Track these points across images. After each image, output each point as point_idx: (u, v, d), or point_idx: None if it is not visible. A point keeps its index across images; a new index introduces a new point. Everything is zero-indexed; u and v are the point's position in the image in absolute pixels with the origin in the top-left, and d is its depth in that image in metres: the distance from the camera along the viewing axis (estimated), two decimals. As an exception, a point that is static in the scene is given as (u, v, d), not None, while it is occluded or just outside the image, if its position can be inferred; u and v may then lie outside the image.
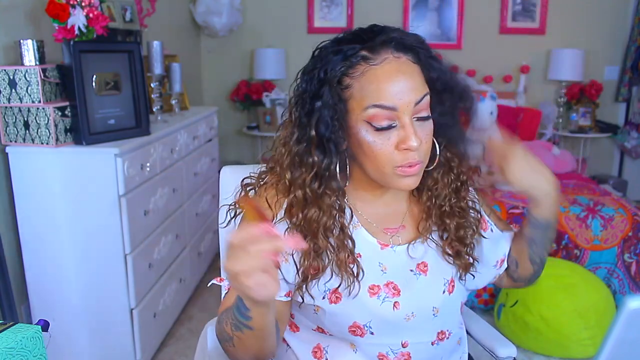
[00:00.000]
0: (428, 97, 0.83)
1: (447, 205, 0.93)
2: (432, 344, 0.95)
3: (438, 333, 0.95)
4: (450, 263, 0.94)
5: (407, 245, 0.93)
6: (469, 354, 1.17)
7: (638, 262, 2.38)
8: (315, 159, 0.84)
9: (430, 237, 0.94)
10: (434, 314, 0.92)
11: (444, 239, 0.94)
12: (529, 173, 0.91)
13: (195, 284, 2.68)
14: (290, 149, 0.86)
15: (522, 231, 1.00)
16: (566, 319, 2.07)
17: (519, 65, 3.93)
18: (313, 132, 0.83)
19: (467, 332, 1.20)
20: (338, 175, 0.86)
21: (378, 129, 0.80)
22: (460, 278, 0.95)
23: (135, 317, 1.91)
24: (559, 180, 3.17)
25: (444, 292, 0.93)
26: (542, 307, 2.10)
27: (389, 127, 0.80)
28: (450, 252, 0.93)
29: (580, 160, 3.92)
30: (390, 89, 0.79)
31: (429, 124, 0.84)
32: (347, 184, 0.89)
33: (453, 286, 0.94)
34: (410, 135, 0.80)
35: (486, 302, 2.51)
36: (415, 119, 0.81)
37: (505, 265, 1.04)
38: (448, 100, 0.87)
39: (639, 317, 0.47)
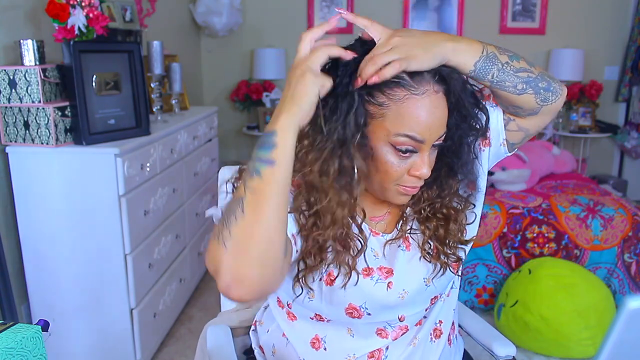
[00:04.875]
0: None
1: (426, 210, 0.94)
2: (426, 310, 0.99)
3: (432, 299, 0.98)
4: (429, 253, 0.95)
5: (394, 231, 0.95)
6: (468, 353, 1.17)
7: (638, 262, 2.38)
8: (344, 162, 0.81)
9: (412, 229, 0.96)
10: (426, 285, 0.94)
11: (424, 234, 0.95)
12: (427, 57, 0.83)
13: (195, 284, 2.68)
14: (315, 140, 0.82)
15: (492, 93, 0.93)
16: (566, 319, 2.07)
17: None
18: (342, 132, 0.80)
19: (466, 332, 1.20)
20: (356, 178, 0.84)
21: (400, 154, 0.83)
22: (437, 273, 0.95)
23: (135, 317, 1.91)
24: (559, 180, 3.16)
25: (430, 260, 0.94)
26: (542, 307, 2.10)
27: (410, 154, 0.84)
28: (429, 247, 0.95)
29: (580, 160, 3.92)
30: (427, 124, 0.81)
31: (436, 151, 0.88)
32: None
33: (437, 251, 0.94)
34: (425, 165, 0.84)
35: (486, 302, 2.51)
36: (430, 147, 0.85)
37: (504, 135, 0.97)
38: (460, 128, 0.88)
39: (639, 317, 0.47)
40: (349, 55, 0.81)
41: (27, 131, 1.76)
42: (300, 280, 0.89)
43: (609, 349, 0.48)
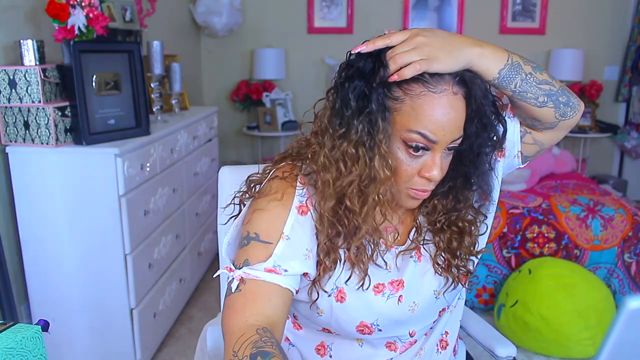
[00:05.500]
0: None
1: (441, 222, 0.93)
2: (434, 322, 0.98)
3: (440, 311, 0.97)
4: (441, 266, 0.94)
5: (407, 242, 0.94)
6: (469, 354, 1.17)
7: (638, 262, 2.38)
8: (367, 160, 0.80)
9: (425, 240, 0.95)
10: (435, 297, 0.93)
11: (437, 246, 0.94)
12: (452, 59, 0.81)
13: (195, 284, 2.68)
14: (336, 145, 0.81)
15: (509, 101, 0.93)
16: (566, 319, 2.07)
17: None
18: (364, 133, 0.79)
19: (467, 332, 1.20)
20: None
21: (411, 151, 0.81)
22: (449, 287, 0.94)
23: (135, 317, 1.91)
24: (559, 180, 3.15)
25: (441, 273, 0.93)
26: (542, 307, 2.10)
27: (422, 153, 0.82)
28: (441, 260, 0.94)
29: (580, 160, 3.92)
30: (440, 124, 0.79)
31: (451, 155, 0.86)
32: None
33: (449, 264, 0.94)
34: (436, 167, 0.82)
35: (486, 302, 2.51)
36: (444, 150, 0.83)
37: (519, 147, 0.96)
38: (480, 137, 0.86)
39: (639, 317, 0.47)
40: None
41: (27, 131, 1.76)
42: (315, 284, 0.87)
43: (609, 349, 0.48)
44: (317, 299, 0.88)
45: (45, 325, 0.73)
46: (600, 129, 3.96)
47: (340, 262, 0.86)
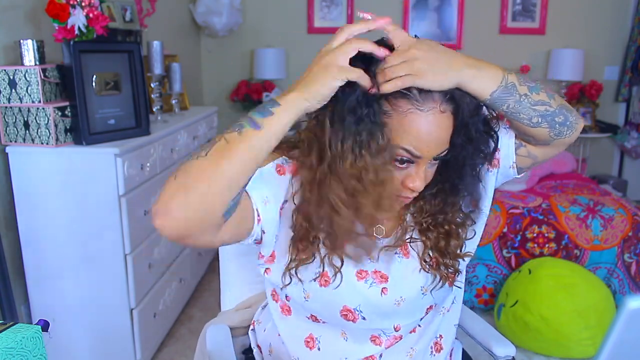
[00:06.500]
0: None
1: (427, 222, 0.94)
2: (421, 319, 0.98)
3: (427, 308, 0.97)
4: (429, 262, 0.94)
5: (392, 236, 0.95)
6: (467, 354, 1.17)
7: (638, 262, 2.38)
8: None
9: (412, 238, 0.95)
10: (422, 293, 0.94)
11: (425, 244, 0.94)
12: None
13: (195, 284, 2.68)
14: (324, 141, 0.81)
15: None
16: (566, 319, 2.07)
17: (518, 65, 3.92)
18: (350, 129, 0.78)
19: (466, 332, 1.20)
20: None
21: (397, 164, 0.82)
22: (437, 284, 0.94)
23: (135, 317, 1.91)
24: (559, 180, 3.15)
25: (428, 270, 0.93)
26: (542, 307, 2.10)
27: (407, 165, 0.83)
28: (429, 258, 0.94)
29: (580, 160, 3.92)
30: (425, 141, 0.80)
31: (437, 164, 0.87)
32: None
33: (437, 262, 0.94)
34: (419, 179, 0.83)
35: (486, 302, 2.51)
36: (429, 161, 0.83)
37: (514, 158, 0.96)
38: (465, 149, 0.86)
39: (639, 317, 0.47)
40: (381, 51, 0.79)
41: (27, 131, 1.76)
42: (290, 270, 0.89)
43: (609, 349, 0.48)
44: (288, 284, 0.90)
45: (45, 325, 0.73)
46: (600, 129, 3.96)
47: (317, 255, 0.88)
